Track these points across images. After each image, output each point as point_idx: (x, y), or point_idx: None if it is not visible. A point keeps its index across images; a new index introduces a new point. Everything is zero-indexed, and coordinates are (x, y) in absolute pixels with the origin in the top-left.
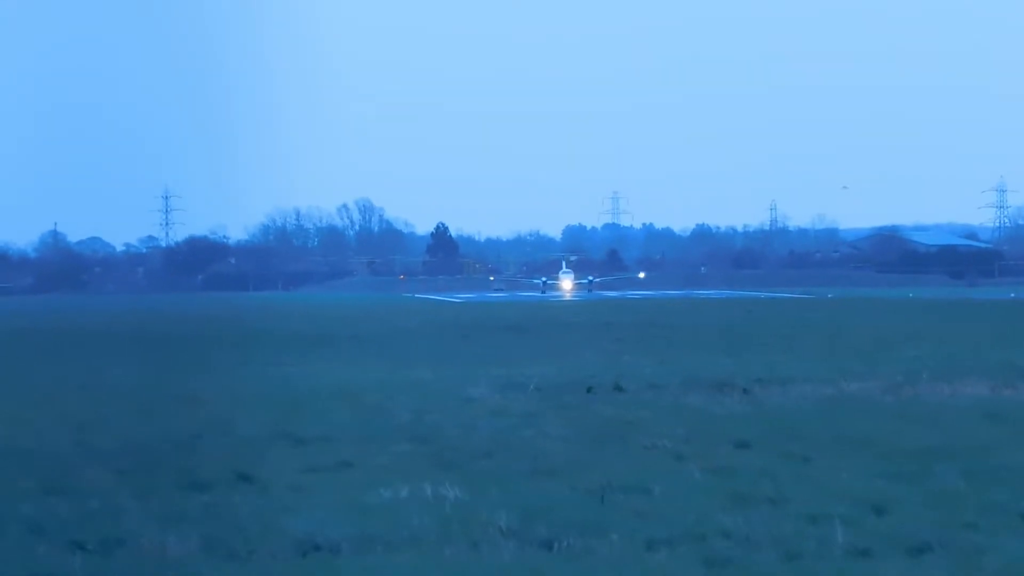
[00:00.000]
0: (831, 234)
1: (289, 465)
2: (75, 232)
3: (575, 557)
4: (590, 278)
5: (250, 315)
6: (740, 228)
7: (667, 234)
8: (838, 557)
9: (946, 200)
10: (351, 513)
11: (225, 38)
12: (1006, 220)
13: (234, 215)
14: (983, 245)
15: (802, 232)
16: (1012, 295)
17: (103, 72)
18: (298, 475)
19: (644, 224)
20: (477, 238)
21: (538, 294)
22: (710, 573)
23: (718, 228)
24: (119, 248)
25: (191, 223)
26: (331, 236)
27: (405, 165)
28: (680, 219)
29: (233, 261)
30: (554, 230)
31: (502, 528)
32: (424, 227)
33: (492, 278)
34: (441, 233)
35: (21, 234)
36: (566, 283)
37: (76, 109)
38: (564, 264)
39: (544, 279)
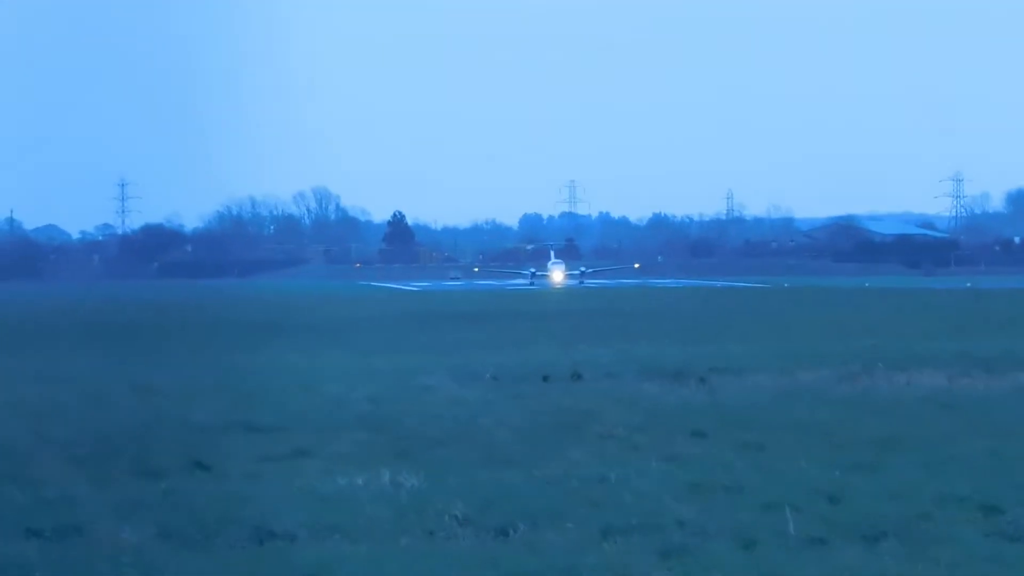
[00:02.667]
0: (787, 223)
1: (245, 453)
2: (31, 220)
3: (531, 545)
4: (582, 268)
5: (206, 303)
6: (696, 217)
7: (623, 223)
8: (792, 545)
9: (903, 190)
10: (307, 501)
11: (181, 27)
12: (962, 210)
13: (190, 203)
14: (939, 235)
15: (758, 221)
16: (968, 285)
17: (58, 60)
18: (254, 463)
19: (600, 213)
20: (434, 227)
21: (526, 284)
22: (665, 562)
23: (674, 217)
24: (75, 236)
25: (147, 211)
26: (287, 224)
27: (363, 153)
28: (636, 208)
29: (189, 249)
30: (511, 219)
31: (458, 517)
32: (381, 215)
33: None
34: (398, 221)
35: None
36: (557, 274)
37: (32, 97)
38: (553, 254)
39: (533, 270)
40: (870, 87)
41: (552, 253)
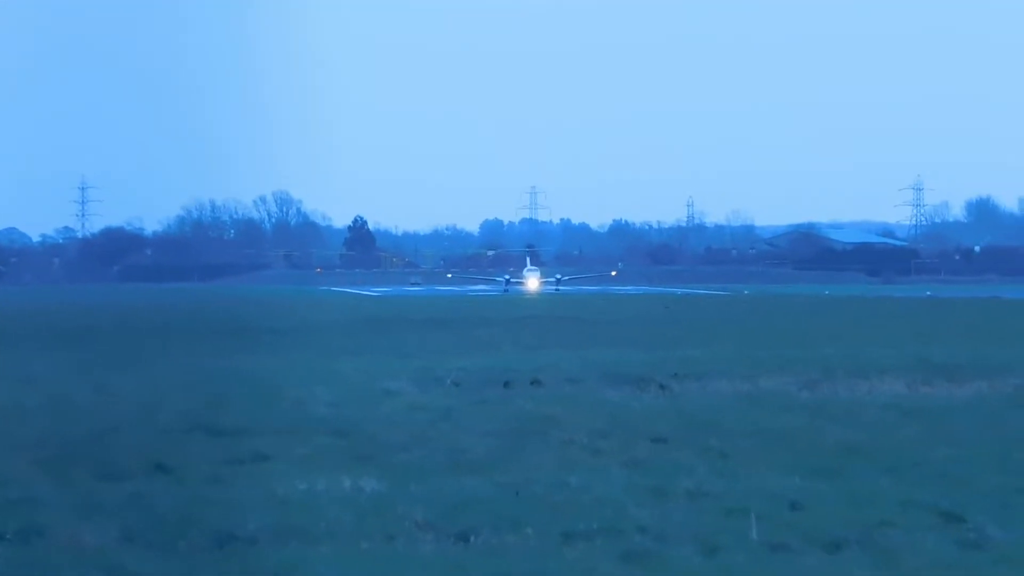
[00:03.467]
0: (748, 231)
1: (207, 457)
2: None
3: (492, 551)
4: (558, 276)
5: (167, 307)
6: (657, 224)
7: (584, 230)
8: (755, 552)
9: (863, 198)
10: (268, 505)
11: (143, 30)
12: (922, 219)
13: (151, 206)
14: (899, 243)
15: (719, 229)
16: (928, 293)
17: (19, 62)
18: (216, 467)
19: (562, 219)
20: (395, 232)
21: (500, 291)
22: (626, 567)
23: (635, 224)
24: (36, 239)
25: (108, 214)
26: (248, 228)
27: (324, 158)
28: (597, 215)
29: (149, 252)
30: (472, 225)
31: (419, 522)
32: (342, 220)
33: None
34: (359, 227)
35: None
36: (532, 281)
37: None
38: (528, 260)
39: (507, 276)
40: (830, 96)
41: (528, 259)
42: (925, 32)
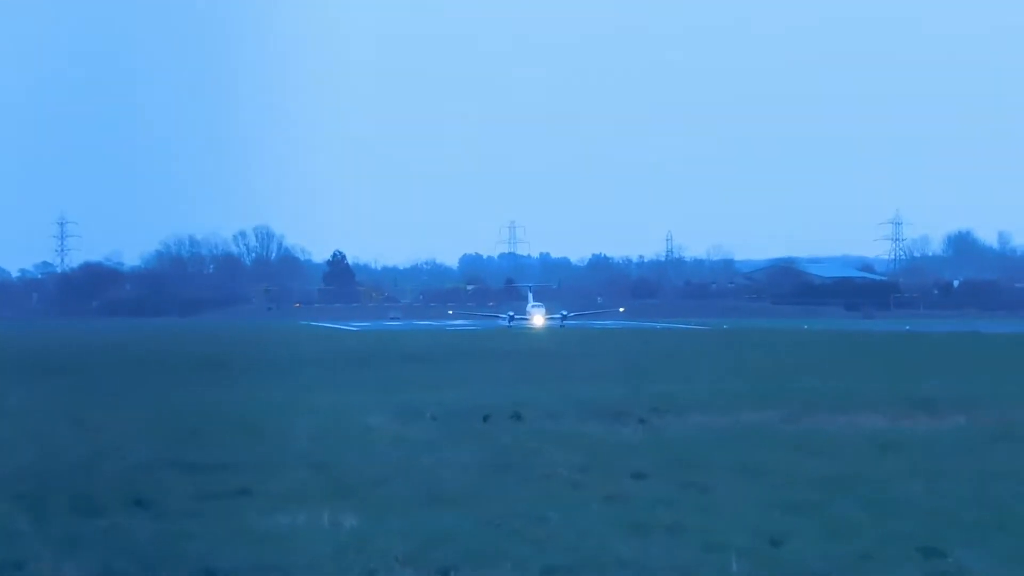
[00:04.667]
0: (727, 265)
1: (186, 491)
2: None
3: None
4: (563, 312)
5: (145, 341)
6: (636, 258)
7: (563, 264)
8: None
9: (842, 232)
10: (247, 540)
11: (121, 64)
12: (901, 253)
13: (130, 241)
14: (878, 277)
15: (698, 263)
16: (907, 327)
17: None
18: (195, 502)
19: (541, 254)
20: (374, 266)
21: (504, 327)
22: None
23: (614, 258)
24: (14, 274)
25: (87, 249)
26: (227, 263)
27: (305, 193)
28: (577, 249)
29: (128, 287)
30: (451, 259)
31: (399, 556)
32: (322, 255)
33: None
34: (338, 261)
35: None
36: (537, 318)
37: None
38: (532, 296)
39: (511, 313)
40: (810, 129)
41: (531, 295)
42: (904, 67)
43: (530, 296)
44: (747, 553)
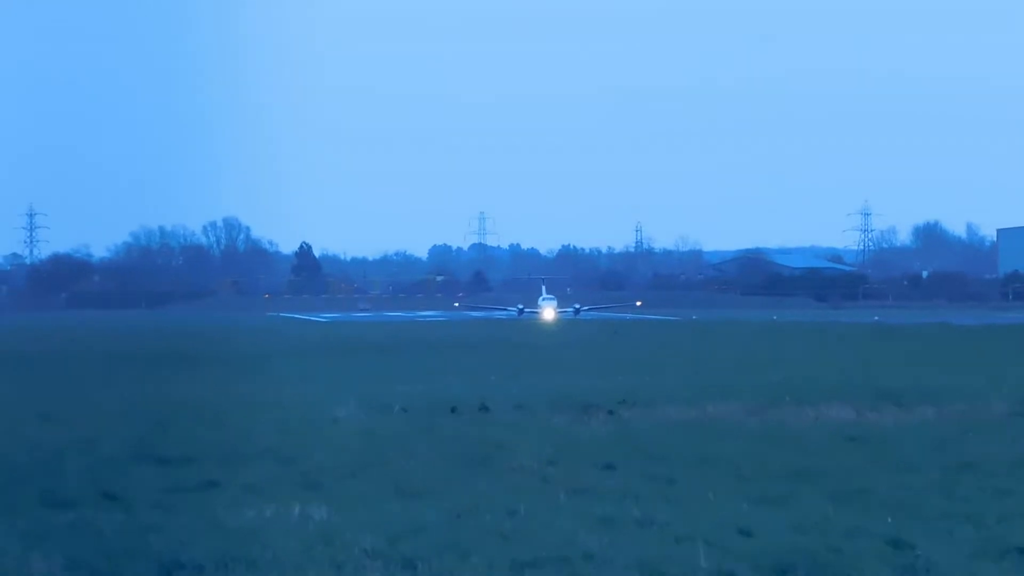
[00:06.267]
0: (696, 256)
1: (154, 484)
2: None
3: None
4: (576, 306)
5: (114, 334)
6: (605, 249)
7: (533, 255)
8: None
9: (811, 223)
10: (216, 533)
11: (88, 55)
12: (870, 243)
13: (100, 233)
14: (847, 268)
15: (667, 254)
16: (876, 318)
17: None
18: (163, 495)
19: (511, 245)
20: (343, 257)
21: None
22: None
23: (584, 249)
24: None
25: (56, 241)
26: (196, 255)
27: (273, 184)
28: (546, 240)
29: (97, 279)
30: (420, 250)
31: (367, 549)
32: (290, 246)
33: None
34: (305, 252)
35: None
36: (548, 311)
37: None
38: (544, 289)
39: (521, 306)
40: (777, 120)
41: (543, 288)
42: (871, 57)
43: (543, 288)
44: (715, 545)
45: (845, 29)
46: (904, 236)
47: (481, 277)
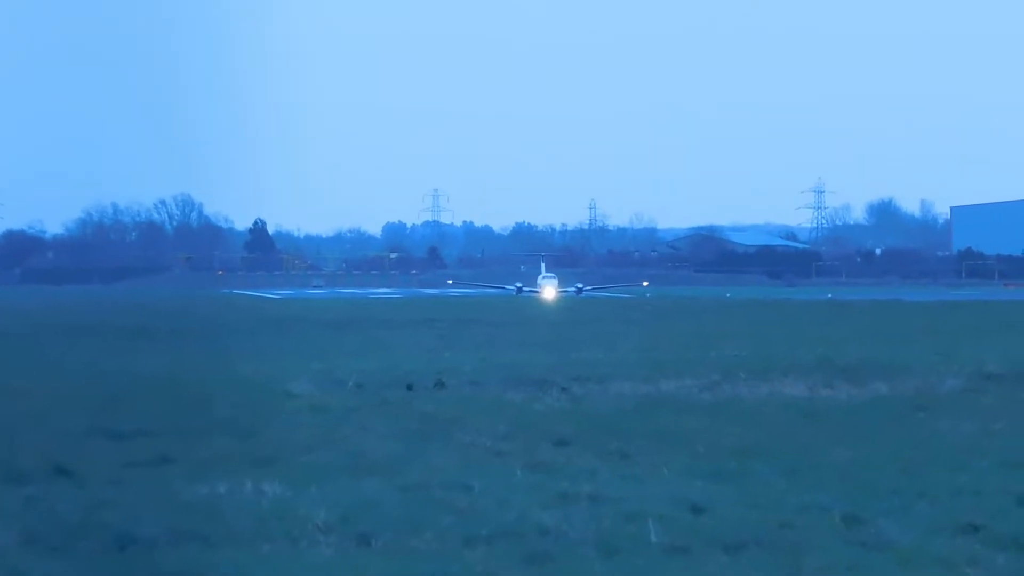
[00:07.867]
0: (649, 233)
1: (108, 459)
2: None
3: (393, 554)
4: (578, 285)
5: (67, 309)
6: (559, 227)
7: (487, 232)
8: (655, 554)
9: (765, 201)
10: (169, 508)
11: (46, 33)
12: (824, 221)
13: (53, 209)
14: (801, 246)
15: (621, 231)
16: (829, 295)
17: None
18: (117, 469)
19: (464, 222)
20: (297, 234)
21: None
22: (528, 570)
23: (538, 227)
24: None
25: (9, 217)
26: (149, 231)
27: (226, 160)
28: (500, 218)
29: (51, 255)
30: (374, 227)
31: (320, 524)
32: (244, 223)
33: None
34: (259, 229)
35: None
36: (548, 290)
37: None
38: (544, 267)
39: (519, 284)
40: (732, 98)
41: (543, 265)
42: (825, 32)
43: (542, 267)
44: (668, 520)
45: (794, 7)
46: (858, 214)
47: (435, 254)
